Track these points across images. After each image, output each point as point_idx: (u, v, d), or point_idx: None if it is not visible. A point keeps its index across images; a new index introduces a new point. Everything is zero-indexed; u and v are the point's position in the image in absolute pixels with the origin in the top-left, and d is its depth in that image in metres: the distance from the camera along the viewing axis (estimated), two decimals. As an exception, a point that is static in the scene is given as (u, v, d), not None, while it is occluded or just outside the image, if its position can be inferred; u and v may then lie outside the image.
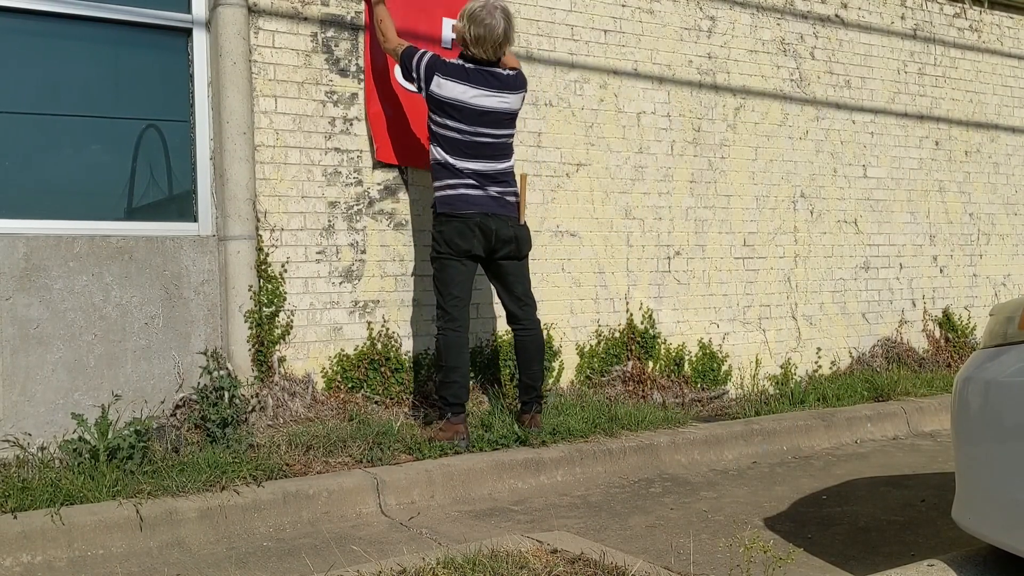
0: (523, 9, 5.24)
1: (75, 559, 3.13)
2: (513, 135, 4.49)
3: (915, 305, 6.92)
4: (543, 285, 5.25)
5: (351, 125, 4.75)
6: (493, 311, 5.12)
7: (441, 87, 4.27)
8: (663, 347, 5.70)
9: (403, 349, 4.87)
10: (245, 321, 4.40)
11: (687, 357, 5.79)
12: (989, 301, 7.23)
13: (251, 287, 4.42)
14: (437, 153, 4.34)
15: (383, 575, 2.58)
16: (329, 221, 4.69)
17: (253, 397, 4.33)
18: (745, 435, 4.82)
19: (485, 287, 4.97)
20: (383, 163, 4.81)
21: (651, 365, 5.63)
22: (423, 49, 4.37)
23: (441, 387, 4.33)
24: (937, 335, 6.99)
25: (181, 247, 4.36)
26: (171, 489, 3.42)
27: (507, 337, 5.03)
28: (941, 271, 7.08)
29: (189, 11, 4.48)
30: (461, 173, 4.31)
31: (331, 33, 4.71)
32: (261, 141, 4.51)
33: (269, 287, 4.51)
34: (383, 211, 4.84)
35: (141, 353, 4.25)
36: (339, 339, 4.71)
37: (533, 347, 4.49)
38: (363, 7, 4.77)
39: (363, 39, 4.79)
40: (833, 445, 5.09)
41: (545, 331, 4.95)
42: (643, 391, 5.43)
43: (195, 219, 4.48)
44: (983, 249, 7.33)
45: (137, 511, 3.27)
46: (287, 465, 3.82)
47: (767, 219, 6.19)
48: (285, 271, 4.57)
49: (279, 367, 4.51)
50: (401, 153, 4.82)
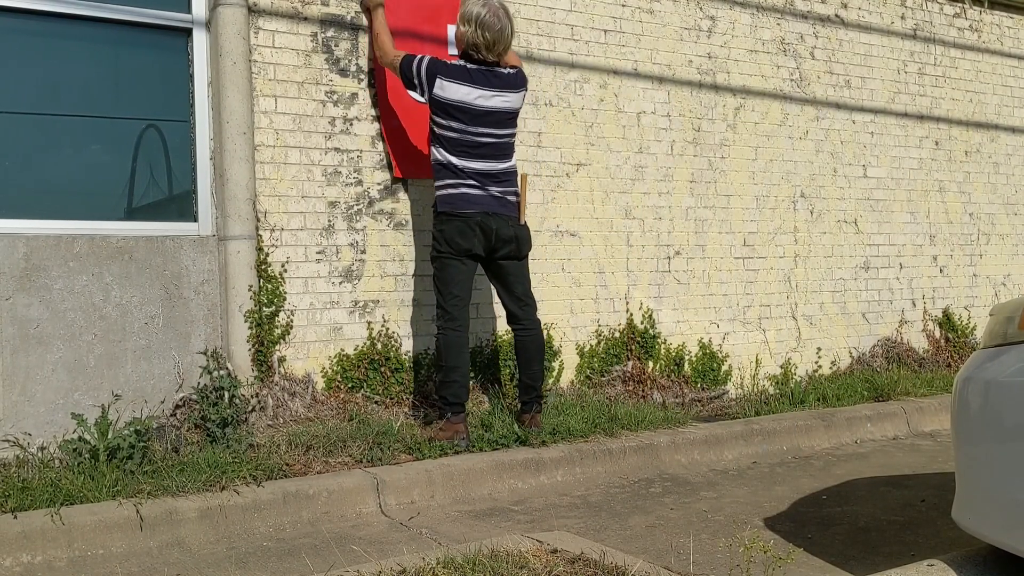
0: (523, 9, 5.23)
1: (75, 559, 3.13)
2: (515, 134, 4.49)
3: (915, 305, 6.92)
4: (543, 285, 5.25)
5: (351, 125, 4.75)
6: (493, 311, 5.12)
7: (444, 89, 4.26)
8: (663, 347, 5.70)
9: (403, 349, 4.87)
10: (245, 321, 4.40)
11: (687, 357, 5.79)
12: (989, 301, 7.23)
13: (251, 287, 4.42)
14: (439, 154, 4.34)
15: (383, 575, 2.57)
16: (329, 221, 4.69)
17: (253, 397, 4.34)
18: (745, 435, 4.82)
19: (485, 287, 4.97)
20: (388, 168, 4.80)
21: (651, 365, 5.63)
22: (419, 54, 4.36)
23: (441, 387, 4.33)
24: (937, 335, 6.99)
25: (181, 247, 4.36)
26: (171, 489, 3.42)
27: (507, 337, 5.03)
28: (941, 271, 7.08)
29: (189, 11, 4.48)
30: (463, 173, 4.30)
31: (331, 33, 4.71)
32: (261, 141, 4.51)
33: (269, 287, 4.51)
34: (383, 211, 4.84)
35: (141, 353, 4.25)
36: (339, 339, 4.71)
37: (533, 347, 4.49)
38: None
39: (365, 41, 4.79)
40: (833, 445, 5.09)
41: (545, 331, 4.95)
42: (643, 391, 5.43)
43: (195, 219, 4.48)
44: (983, 249, 7.33)
45: (137, 511, 3.27)
46: (287, 465, 3.82)
47: (767, 219, 6.19)
48: (285, 271, 4.57)
49: (279, 367, 4.52)
50: (423, 167, 4.73)
